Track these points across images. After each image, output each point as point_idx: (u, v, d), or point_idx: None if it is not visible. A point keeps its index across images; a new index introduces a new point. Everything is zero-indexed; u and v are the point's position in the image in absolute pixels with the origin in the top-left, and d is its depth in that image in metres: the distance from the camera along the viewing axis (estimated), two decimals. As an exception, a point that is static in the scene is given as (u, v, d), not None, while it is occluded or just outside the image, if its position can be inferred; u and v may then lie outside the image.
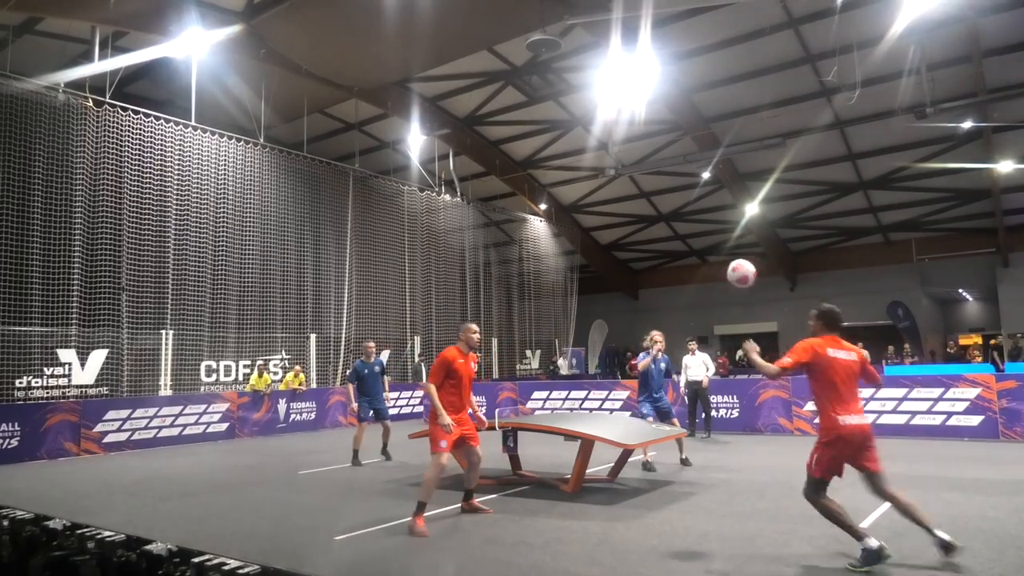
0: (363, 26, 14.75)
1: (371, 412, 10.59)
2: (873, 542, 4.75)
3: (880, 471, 5.03)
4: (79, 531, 2.62)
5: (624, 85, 15.27)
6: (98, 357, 13.54)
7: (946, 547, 4.73)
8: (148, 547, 1.95)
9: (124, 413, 12.86)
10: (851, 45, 14.72)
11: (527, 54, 16.77)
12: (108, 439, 12.55)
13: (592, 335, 29.36)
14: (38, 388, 12.77)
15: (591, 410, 14.68)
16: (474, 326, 6.83)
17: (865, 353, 5.48)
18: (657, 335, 9.68)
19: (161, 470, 10.27)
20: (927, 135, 18.50)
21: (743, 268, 6.38)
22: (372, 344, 10.85)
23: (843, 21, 13.12)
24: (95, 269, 13.62)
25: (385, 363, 19.83)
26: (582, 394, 15.38)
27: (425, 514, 6.17)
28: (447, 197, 22.32)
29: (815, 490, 5.05)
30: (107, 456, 12.16)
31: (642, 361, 9.57)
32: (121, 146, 14.23)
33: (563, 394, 15.67)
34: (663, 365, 9.60)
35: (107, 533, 2.12)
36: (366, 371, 10.54)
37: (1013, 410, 10.76)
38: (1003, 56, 15.66)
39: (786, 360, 5.04)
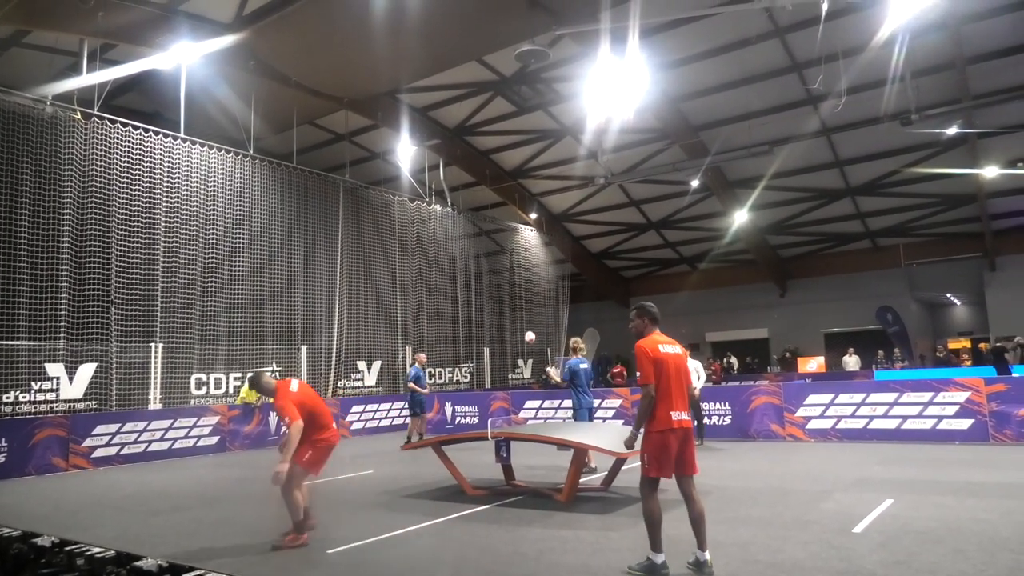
0: (353, 37, 14.79)
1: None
2: (660, 558, 4.89)
3: (697, 472, 5.17)
4: (68, 548, 2.58)
5: (613, 94, 15.34)
6: (86, 371, 13.42)
7: (699, 566, 4.90)
8: (138, 563, 1.92)
9: (113, 427, 12.74)
10: (836, 53, 14.86)
11: (516, 64, 16.83)
12: (97, 454, 12.42)
13: (584, 344, 29.35)
14: (25, 403, 12.62)
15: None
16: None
17: (686, 349, 5.73)
18: (579, 341, 10.75)
19: (151, 484, 10.18)
20: (913, 141, 18.67)
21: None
22: (423, 356, 14.22)
23: (828, 30, 13.24)
24: (83, 282, 13.51)
25: (377, 374, 19.93)
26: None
27: (419, 525, 6.13)
28: (438, 207, 22.33)
29: (651, 488, 5.07)
30: (96, 471, 12.04)
31: (556, 373, 10.87)
32: (110, 158, 14.15)
33: (555, 403, 15.65)
34: (585, 365, 10.49)
35: (96, 549, 2.09)
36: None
37: (1002, 413, 10.83)
38: (986, 63, 15.85)
39: (647, 377, 5.01)
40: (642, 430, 5.08)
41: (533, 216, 25.58)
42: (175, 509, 8.06)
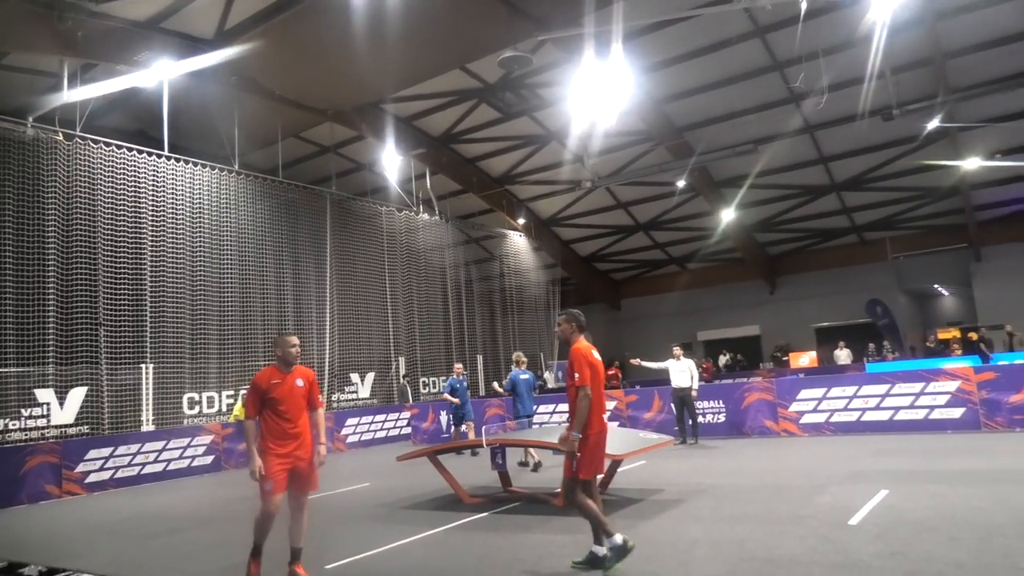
0: (335, 49, 14.79)
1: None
2: (619, 538, 5.03)
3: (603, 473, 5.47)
4: None
5: (597, 98, 15.41)
6: (77, 395, 13.31)
7: (619, 551, 5.04)
8: None
9: (106, 451, 12.63)
10: (817, 51, 14.99)
11: (499, 71, 16.89)
12: (91, 479, 12.30)
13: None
14: (16, 430, 12.51)
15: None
16: (292, 338, 5.67)
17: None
18: (520, 355, 11.97)
19: (146, 507, 10.10)
20: (895, 136, 18.86)
21: None
22: (460, 366, 14.19)
23: (808, 28, 13.36)
24: (70, 305, 13.42)
25: (371, 385, 19.87)
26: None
27: (418, 536, 6.10)
28: (425, 216, 22.33)
29: (583, 490, 5.21)
30: (90, 496, 11.93)
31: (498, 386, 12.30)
32: (94, 179, 14.08)
33: (550, 408, 15.64)
34: (525, 376, 11.47)
35: None
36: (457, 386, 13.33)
37: (993, 400, 10.91)
38: (963, 57, 16.04)
39: (585, 380, 5.14)
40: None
41: (521, 222, 25.61)
42: (171, 532, 8.00)
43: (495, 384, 13.28)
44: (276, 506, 5.42)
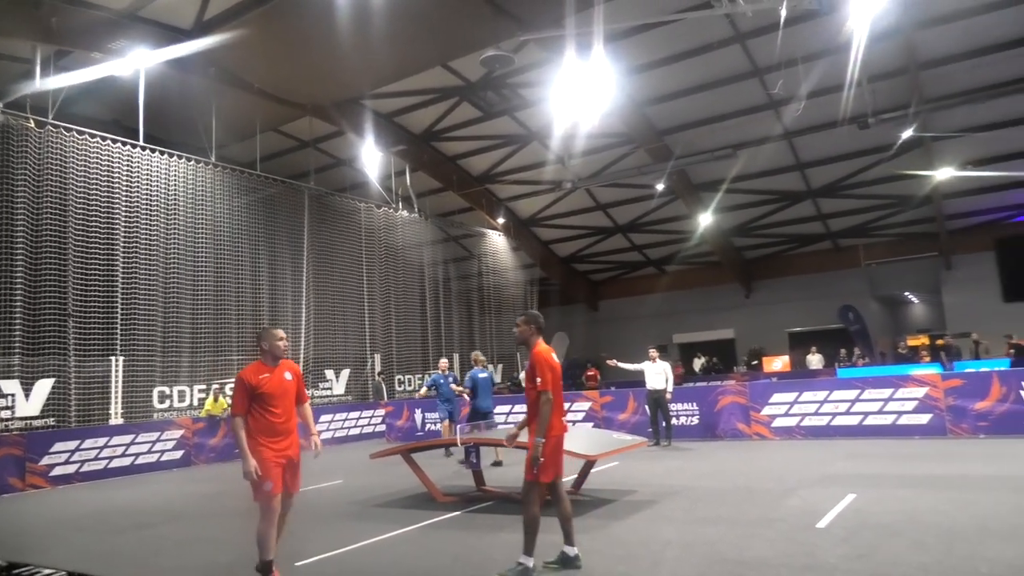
0: (315, 44, 14.66)
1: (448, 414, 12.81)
2: (531, 561, 5.03)
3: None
4: (15, 571, 2.46)
5: (578, 99, 15.46)
6: (43, 387, 13.04)
7: (567, 561, 5.14)
8: None
9: (72, 444, 12.40)
10: (796, 59, 15.17)
11: (481, 70, 16.87)
12: (56, 472, 12.07)
13: (553, 348, 29.46)
14: (-21, 421, 12.24)
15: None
16: (279, 331, 5.52)
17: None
18: (479, 355, 12.39)
19: (113, 502, 9.93)
20: (870, 144, 19.15)
21: None
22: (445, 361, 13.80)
23: (787, 36, 13.51)
24: (38, 295, 13.14)
25: (346, 382, 19.72)
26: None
27: (391, 534, 6.08)
28: (404, 213, 22.23)
29: (550, 492, 5.23)
30: (55, 490, 11.70)
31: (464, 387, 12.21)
32: (65, 167, 13.80)
33: (526, 408, 15.63)
34: (484, 375, 11.68)
35: (47, 571, 2.02)
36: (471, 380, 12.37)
37: (959, 407, 11.13)
38: (938, 68, 16.34)
39: (547, 384, 5.14)
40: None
41: (501, 221, 25.60)
42: (139, 527, 7.87)
43: (453, 386, 13.12)
44: (278, 507, 5.20)
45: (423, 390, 13.41)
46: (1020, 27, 15.14)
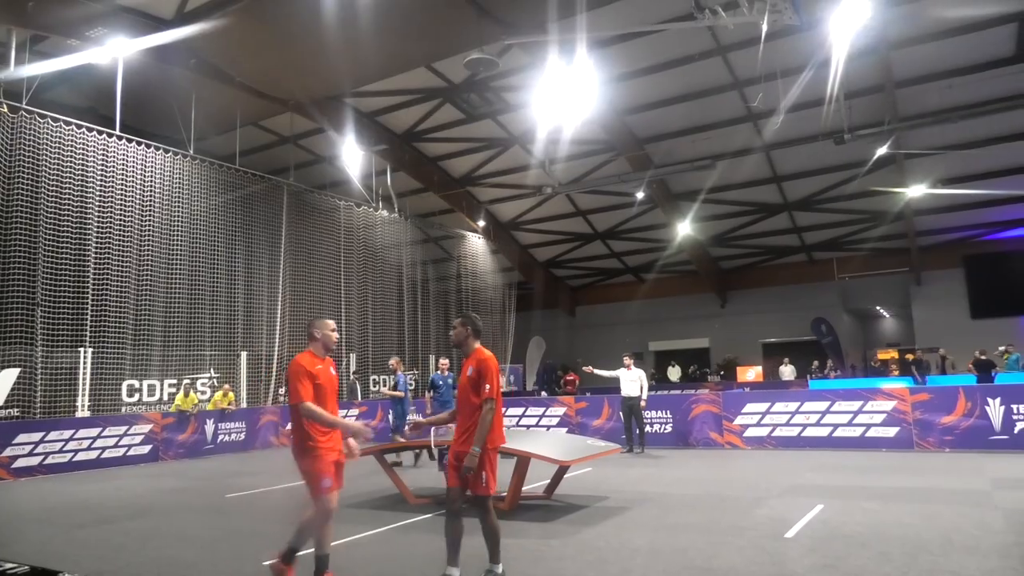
0: (298, 39, 14.56)
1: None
2: (499, 568, 4.92)
3: None
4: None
5: (560, 105, 15.53)
6: (8, 377, 12.76)
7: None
8: None
9: (36, 436, 12.13)
10: (775, 73, 15.39)
11: (465, 72, 16.81)
12: (18, 464, 11.81)
13: (530, 352, 29.52)
14: (-60, 411, 11.94)
15: (528, 427, 14.70)
16: (331, 321, 5.25)
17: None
18: (398, 361, 12.80)
19: (77, 496, 9.73)
20: (846, 159, 19.47)
21: None
22: (446, 361, 13.33)
23: (768, 50, 13.71)
24: (7, 283, 12.86)
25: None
26: (519, 411, 15.40)
27: (362, 535, 6.02)
28: (384, 213, 22.12)
29: (491, 506, 4.97)
30: (17, 482, 11.43)
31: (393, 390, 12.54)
32: (38, 154, 13.54)
33: (505, 411, 15.63)
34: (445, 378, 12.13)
35: (9, 565, 1.98)
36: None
37: (926, 421, 11.34)
38: (913, 87, 16.68)
39: (494, 392, 4.81)
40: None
41: (481, 224, 25.59)
42: (101, 522, 7.72)
43: (384, 390, 13.19)
44: (336, 504, 4.93)
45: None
46: (992, 50, 15.53)
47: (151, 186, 15.64)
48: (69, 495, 9.82)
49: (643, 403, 12.52)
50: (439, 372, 13.11)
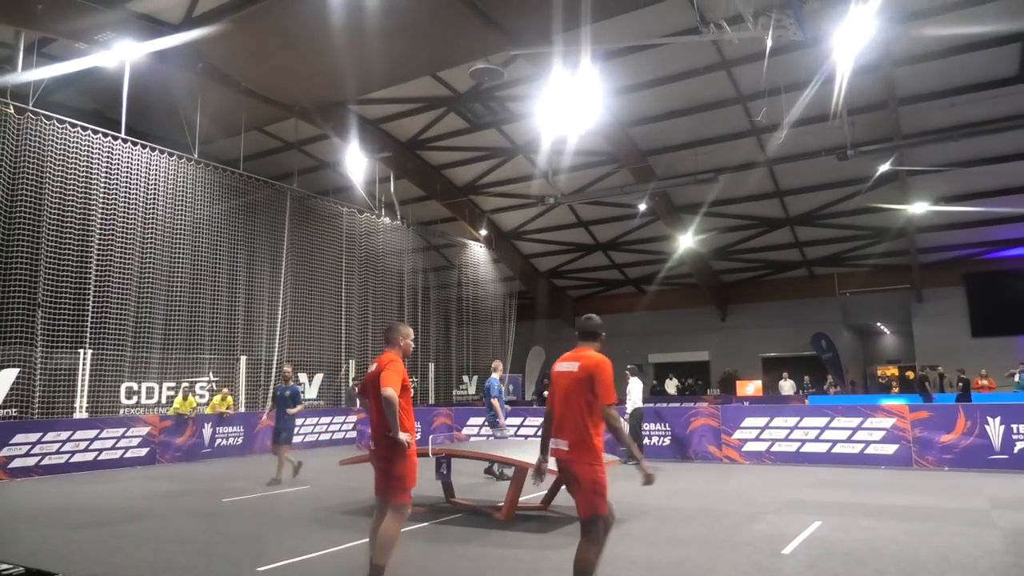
0: (306, 46, 14.64)
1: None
2: None
3: None
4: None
5: (564, 116, 15.59)
6: (7, 376, 12.77)
7: None
8: None
9: (34, 436, 12.13)
10: (779, 88, 15.45)
11: (470, 81, 16.94)
12: (15, 464, 11.79)
13: (529, 362, 29.50)
14: (-62, 410, 11.94)
15: (527, 437, 14.67)
16: (411, 330, 5.27)
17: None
18: (287, 368, 11.95)
19: (73, 497, 9.71)
20: (849, 175, 19.50)
21: None
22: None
23: (772, 65, 13.78)
24: (8, 283, 12.89)
25: (319, 387, 19.52)
26: (518, 420, 15.37)
27: (356, 542, 6.01)
28: (387, 220, 22.16)
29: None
30: (13, 482, 11.42)
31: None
32: (43, 156, 13.59)
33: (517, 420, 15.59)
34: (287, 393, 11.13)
35: (4, 566, 1.98)
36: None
37: (925, 439, 11.30)
38: (916, 105, 16.73)
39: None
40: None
41: (483, 232, 25.63)
42: (97, 524, 7.71)
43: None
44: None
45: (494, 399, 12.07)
46: (995, 69, 15.59)
47: (155, 189, 15.69)
48: (65, 496, 9.81)
49: (629, 408, 12.61)
50: (494, 375, 12.44)
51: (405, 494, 4.73)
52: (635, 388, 12.75)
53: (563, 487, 8.46)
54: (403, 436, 4.68)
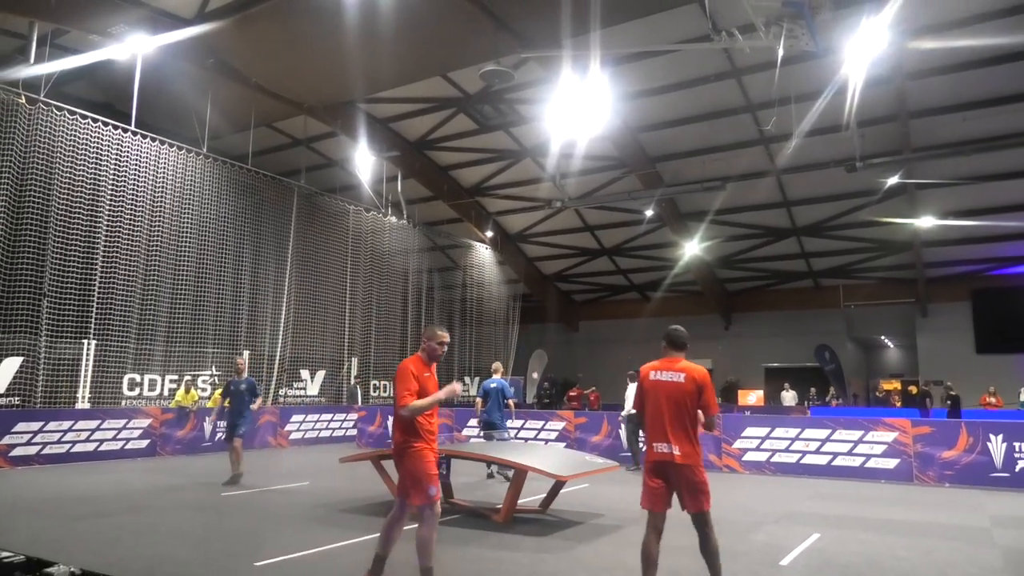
0: (316, 44, 14.69)
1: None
2: None
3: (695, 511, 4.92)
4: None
5: (573, 120, 15.60)
6: (11, 365, 12.81)
7: None
8: (49, 570, 1.80)
9: (35, 425, 12.17)
10: (789, 97, 15.43)
11: (480, 83, 16.96)
12: (16, 452, 11.83)
13: (531, 365, 29.49)
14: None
15: (526, 439, 14.66)
16: (442, 334, 5.19)
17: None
18: (241, 361, 11.34)
19: (74, 487, 9.74)
20: (856, 187, 19.46)
21: None
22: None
23: (783, 75, 13.76)
24: (15, 272, 12.93)
25: (320, 384, 19.54)
26: (518, 423, 15.35)
27: (353, 540, 6.01)
28: (393, 219, 22.20)
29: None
30: (14, 471, 11.45)
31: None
32: (53, 147, 13.65)
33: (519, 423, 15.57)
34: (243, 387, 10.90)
35: (4, 554, 1.98)
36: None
37: (927, 455, 11.25)
38: (926, 118, 16.69)
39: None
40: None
41: (488, 234, 25.65)
42: (97, 514, 7.73)
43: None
44: (440, 511, 5.00)
45: (510, 401, 11.94)
46: (1007, 84, 15.53)
47: (163, 182, 15.74)
48: (66, 486, 9.84)
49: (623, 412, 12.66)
50: (499, 376, 12.26)
51: (420, 495, 4.78)
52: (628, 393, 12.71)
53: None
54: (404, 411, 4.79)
